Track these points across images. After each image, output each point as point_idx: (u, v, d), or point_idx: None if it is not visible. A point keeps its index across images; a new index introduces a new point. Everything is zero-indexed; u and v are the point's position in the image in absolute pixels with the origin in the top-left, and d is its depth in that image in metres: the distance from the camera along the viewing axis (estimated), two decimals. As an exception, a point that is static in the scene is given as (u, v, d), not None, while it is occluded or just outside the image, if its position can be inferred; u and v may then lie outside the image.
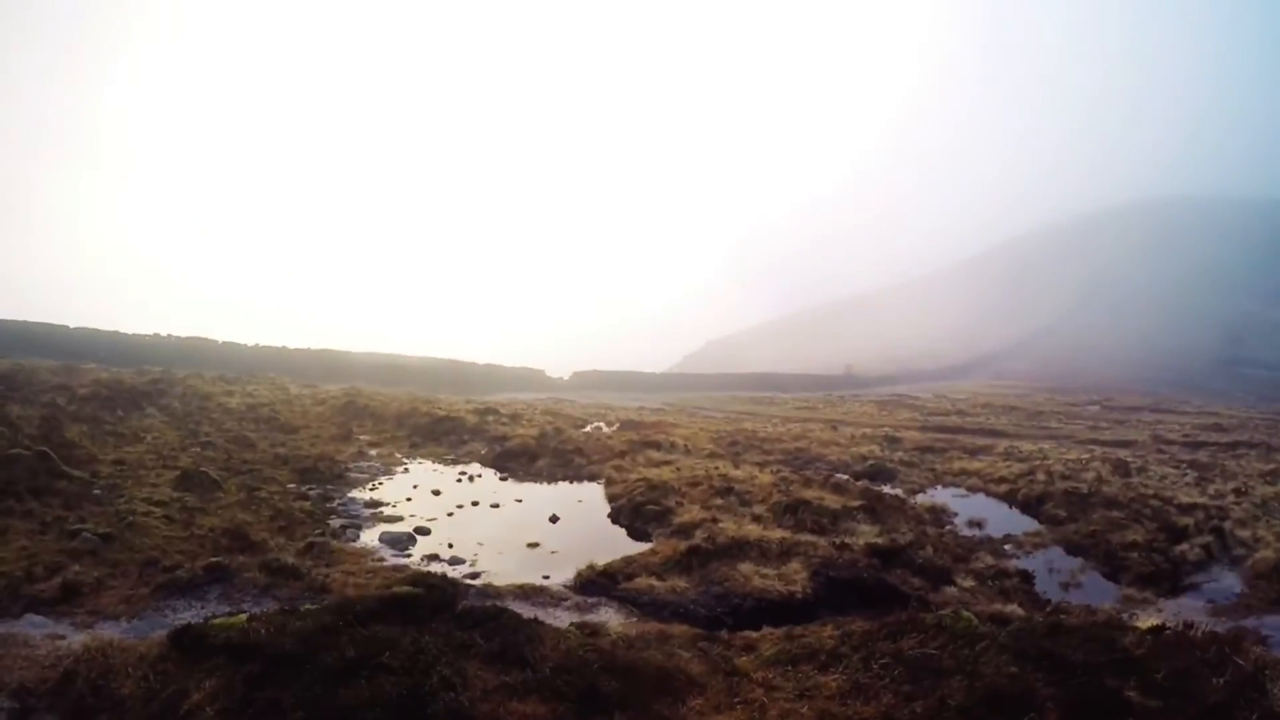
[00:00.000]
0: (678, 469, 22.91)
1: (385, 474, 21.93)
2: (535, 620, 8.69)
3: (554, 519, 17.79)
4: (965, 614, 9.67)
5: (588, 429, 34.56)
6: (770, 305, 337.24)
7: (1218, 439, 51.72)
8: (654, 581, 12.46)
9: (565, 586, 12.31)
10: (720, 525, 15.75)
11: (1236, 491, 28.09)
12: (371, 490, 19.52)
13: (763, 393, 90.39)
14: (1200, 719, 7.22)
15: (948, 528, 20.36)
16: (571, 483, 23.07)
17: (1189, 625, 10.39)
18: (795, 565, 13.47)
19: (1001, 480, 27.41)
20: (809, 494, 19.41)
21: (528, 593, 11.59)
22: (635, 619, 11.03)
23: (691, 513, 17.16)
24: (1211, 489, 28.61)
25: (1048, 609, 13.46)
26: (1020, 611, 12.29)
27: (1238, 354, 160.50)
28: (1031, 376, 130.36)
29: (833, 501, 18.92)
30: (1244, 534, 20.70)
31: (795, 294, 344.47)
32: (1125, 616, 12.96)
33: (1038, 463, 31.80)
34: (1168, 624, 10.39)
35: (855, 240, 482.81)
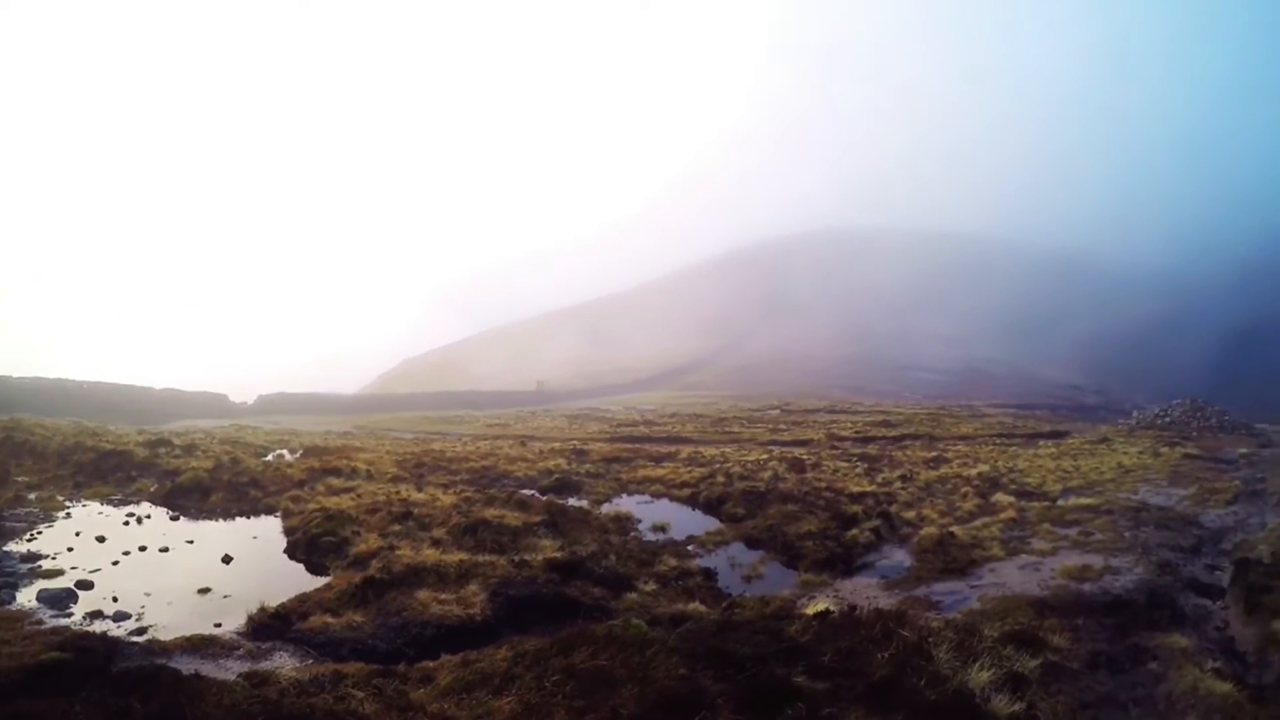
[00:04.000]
0: (358, 496, 22.51)
1: (45, 521, 20.19)
2: (198, 676, 8.51)
3: (227, 559, 17.09)
4: (635, 621, 10.15)
5: (269, 458, 33.20)
6: (466, 324, 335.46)
7: (886, 433, 56.38)
8: (329, 619, 12.28)
9: (237, 634, 11.93)
10: (398, 552, 15.65)
11: (902, 478, 31.08)
12: (29, 541, 17.95)
13: (455, 411, 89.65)
14: (868, 694, 7.92)
15: (632, 535, 21.03)
16: (248, 518, 22.17)
17: (853, 607, 11.31)
18: (474, 588, 13.69)
19: (684, 484, 28.51)
20: (490, 513, 19.62)
21: (197, 645, 11.12)
22: (311, 661, 10.92)
23: (369, 542, 16.98)
24: (880, 477, 31.46)
25: (724, 604, 14.15)
26: (702, 609, 12.98)
27: (906, 360, 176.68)
28: (718, 386, 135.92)
29: (514, 519, 19.19)
30: (910, 515, 23.08)
31: (490, 312, 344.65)
32: (803, 600, 13.99)
33: (718, 466, 33.57)
34: (831, 608, 11.31)
35: (550, 259, 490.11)
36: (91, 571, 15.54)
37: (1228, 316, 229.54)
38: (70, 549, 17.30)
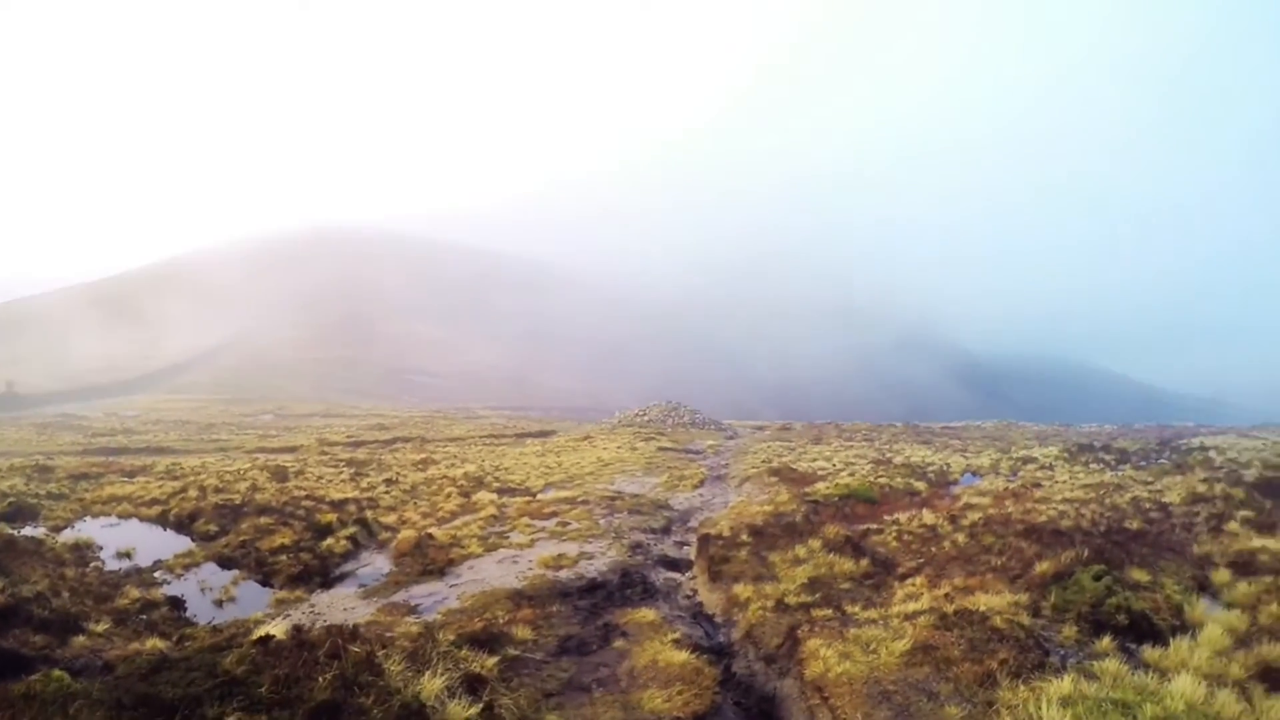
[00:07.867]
0: None
1: None
2: None
3: None
4: (57, 673, 9.31)
5: None
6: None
7: (379, 437, 56.86)
8: None
9: None
10: None
11: (388, 482, 31.12)
12: None
13: (-102, 423, 77.81)
14: (307, 720, 7.67)
15: (93, 565, 19.10)
16: None
17: (299, 628, 11.00)
18: (-116, 653, 11.93)
19: (154, 502, 26.64)
20: (-90, 556, 17.06)
21: None
22: None
23: None
24: (365, 482, 31.34)
25: (175, 637, 13.43)
26: (161, 645, 12.23)
27: (405, 364, 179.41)
28: (212, 389, 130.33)
29: (-58, 560, 16.84)
30: (391, 519, 23.13)
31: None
32: (278, 621, 13.57)
33: (193, 479, 31.75)
34: (273, 633, 10.93)
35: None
36: None
37: (708, 329, 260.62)
38: None
